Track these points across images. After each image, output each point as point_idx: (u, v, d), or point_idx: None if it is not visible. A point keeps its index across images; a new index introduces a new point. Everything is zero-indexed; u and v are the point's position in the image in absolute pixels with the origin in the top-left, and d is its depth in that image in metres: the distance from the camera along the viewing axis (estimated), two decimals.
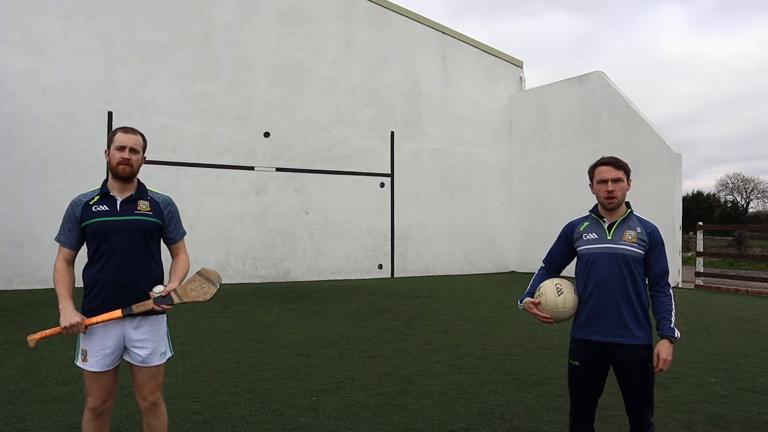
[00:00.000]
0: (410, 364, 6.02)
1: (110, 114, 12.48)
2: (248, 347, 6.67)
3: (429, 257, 16.27)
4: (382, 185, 15.63)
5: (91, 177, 12.04)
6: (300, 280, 14.32)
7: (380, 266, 15.49)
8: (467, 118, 17.06)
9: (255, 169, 13.99)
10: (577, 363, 3.16)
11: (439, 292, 12.28)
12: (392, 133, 15.79)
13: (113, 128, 12.28)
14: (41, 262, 11.65)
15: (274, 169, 14.20)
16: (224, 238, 13.57)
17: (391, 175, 15.76)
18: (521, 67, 18.29)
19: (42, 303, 9.72)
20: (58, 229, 3.05)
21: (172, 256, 3.25)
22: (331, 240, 14.85)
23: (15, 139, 11.70)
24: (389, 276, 15.59)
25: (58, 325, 2.90)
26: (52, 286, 12.39)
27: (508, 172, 17.85)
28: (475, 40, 17.38)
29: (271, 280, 14.01)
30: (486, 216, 17.34)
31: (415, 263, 16.05)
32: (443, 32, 16.79)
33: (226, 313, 9.05)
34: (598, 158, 3.24)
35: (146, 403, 3.06)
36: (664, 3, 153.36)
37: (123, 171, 2.99)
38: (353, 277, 15.08)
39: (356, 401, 4.77)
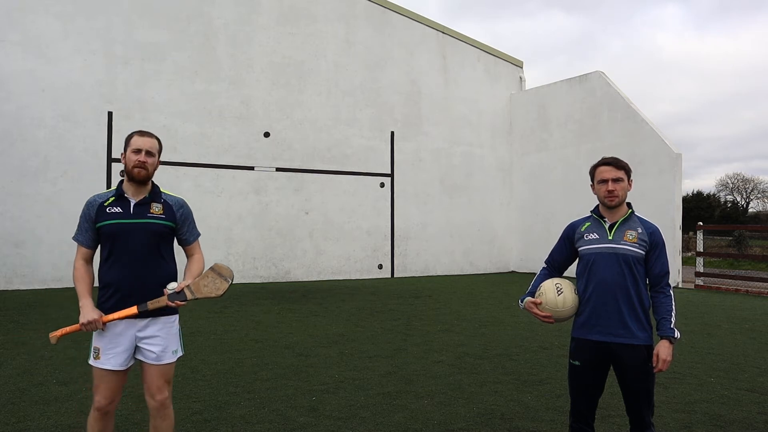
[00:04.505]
0: (410, 364, 6.02)
1: (110, 114, 12.48)
2: (248, 347, 6.67)
3: (429, 257, 16.27)
4: (382, 185, 15.63)
5: (91, 177, 12.06)
6: (300, 280, 14.31)
7: (380, 266, 15.49)
8: (467, 117, 17.06)
9: (255, 169, 13.98)
10: (577, 363, 3.16)
11: (439, 292, 12.28)
12: (392, 133, 15.79)
13: (113, 128, 12.37)
14: (41, 262, 11.66)
15: (274, 169, 14.20)
16: (224, 238, 13.56)
17: (391, 175, 15.76)
18: (521, 67, 18.28)
19: (42, 303, 9.71)
20: (75, 228, 3.13)
21: (187, 256, 3.29)
22: (331, 240, 14.85)
23: (15, 139, 11.70)
24: (389, 276, 15.59)
25: (76, 322, 2.98)
26: (52, 286, 12.35)
27: (507, 172, 17.85)
28: (475, 40, 17.38)
29: (271, 280, 14.01)
30: (486, 216, 17.34)
31: (415, 263, 16.05)
32: (443, 32, 16.78)
33: (226, 313, 9.05)
34: (599, 158, 3.27)
35: (155, 402, 3.07)
36: (663, 3, 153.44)
37: (138, 174, 3.06)
38: (353, 277, 15.07)
39: (356, 401, 4.77)
